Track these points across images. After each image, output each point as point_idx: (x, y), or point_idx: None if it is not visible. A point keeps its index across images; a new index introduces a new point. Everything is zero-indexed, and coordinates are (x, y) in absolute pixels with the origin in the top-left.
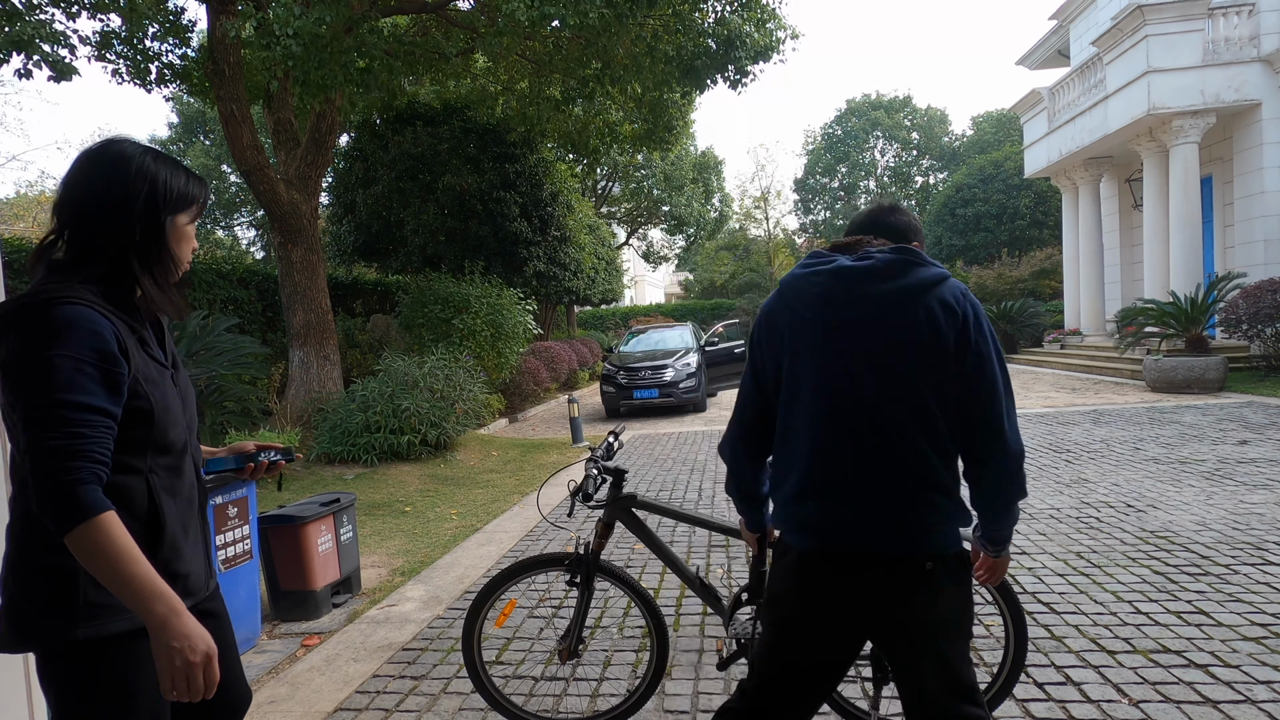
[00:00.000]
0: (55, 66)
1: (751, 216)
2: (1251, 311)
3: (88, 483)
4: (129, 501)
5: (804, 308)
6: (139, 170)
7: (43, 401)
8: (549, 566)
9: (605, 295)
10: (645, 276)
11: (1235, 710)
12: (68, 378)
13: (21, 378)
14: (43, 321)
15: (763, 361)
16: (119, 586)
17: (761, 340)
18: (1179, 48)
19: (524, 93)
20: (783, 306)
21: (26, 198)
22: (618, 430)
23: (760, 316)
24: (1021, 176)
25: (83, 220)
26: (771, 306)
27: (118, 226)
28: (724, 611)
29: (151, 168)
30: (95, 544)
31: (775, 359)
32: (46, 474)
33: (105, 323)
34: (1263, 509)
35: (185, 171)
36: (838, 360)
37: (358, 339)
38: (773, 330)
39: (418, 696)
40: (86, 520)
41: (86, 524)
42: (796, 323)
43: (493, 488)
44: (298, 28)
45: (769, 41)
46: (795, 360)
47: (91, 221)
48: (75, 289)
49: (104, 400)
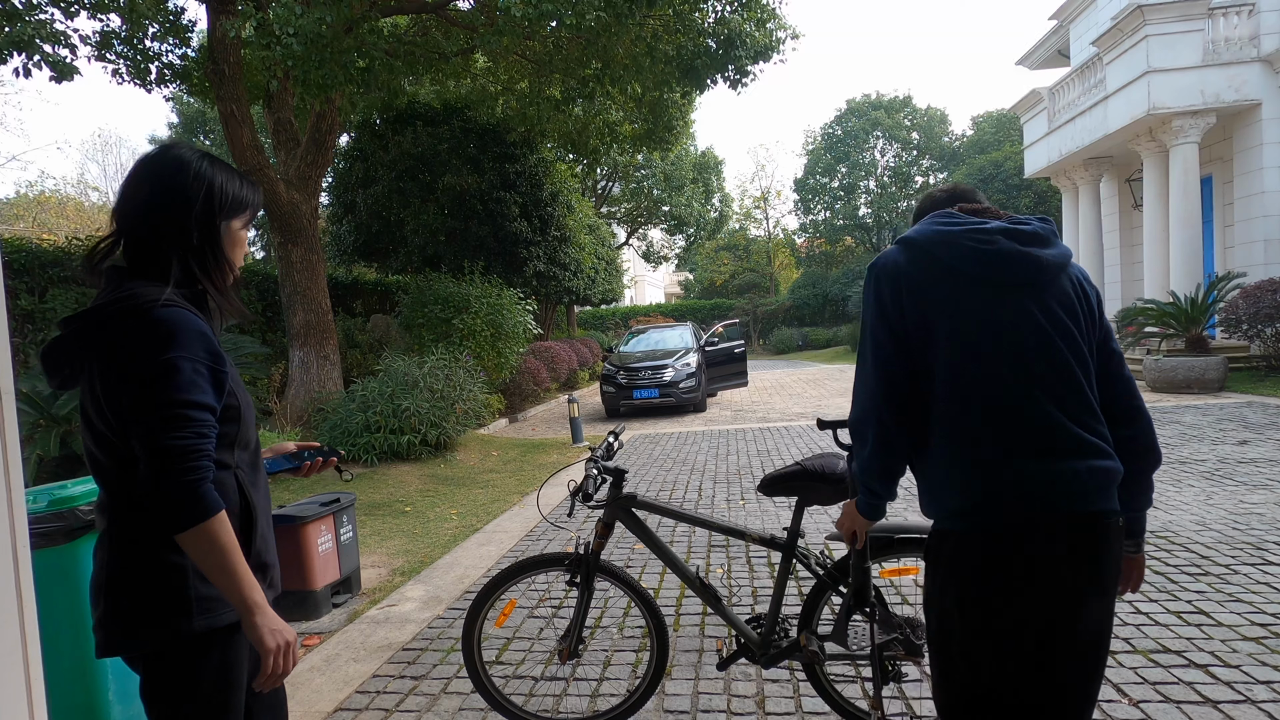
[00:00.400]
0: (55, 66)
1: (751, 216)
2: (1251, 311)
3: (209, 482)
4: (225, 496)
5: (968, 264)
6: (196, 174)
7: (166, 402)
8: (549, 566)
9: (605, 295)
10: (645, 276)
11: (1235, 710)
12: (189, 379)
13: (143, 380)
14: (152, 325)
15: (902, 319)
16: (226, 580)
17: (900, 298)
18: (1179, 48)
19: (524, 93)
20: (932, 262)
21: (26, 198)
22: (618, 430)
23: (889, 271)
24: (1021, 176)
25: (143, 224)
26: (910, 260)
27: (177, 230)
28: (725, 611)
29: (208, 172)
30: (212, 540)
31: (920, 315)
32: (170, 473)
33: (204, 324)
34: (1263, 509)
35: (240, 176)
36: (1020, 318)
37: (358, 339)
38: (916, 286)
39: (418, 696)
40: (209, 518)
41: (208, 522)
42: (958, 279)
43: (493, 488)
44: (298, 27)
45: (769, 41)
46: (957, 318)
47: (152, 226)
48: (162, 293)
49: (214, 399)
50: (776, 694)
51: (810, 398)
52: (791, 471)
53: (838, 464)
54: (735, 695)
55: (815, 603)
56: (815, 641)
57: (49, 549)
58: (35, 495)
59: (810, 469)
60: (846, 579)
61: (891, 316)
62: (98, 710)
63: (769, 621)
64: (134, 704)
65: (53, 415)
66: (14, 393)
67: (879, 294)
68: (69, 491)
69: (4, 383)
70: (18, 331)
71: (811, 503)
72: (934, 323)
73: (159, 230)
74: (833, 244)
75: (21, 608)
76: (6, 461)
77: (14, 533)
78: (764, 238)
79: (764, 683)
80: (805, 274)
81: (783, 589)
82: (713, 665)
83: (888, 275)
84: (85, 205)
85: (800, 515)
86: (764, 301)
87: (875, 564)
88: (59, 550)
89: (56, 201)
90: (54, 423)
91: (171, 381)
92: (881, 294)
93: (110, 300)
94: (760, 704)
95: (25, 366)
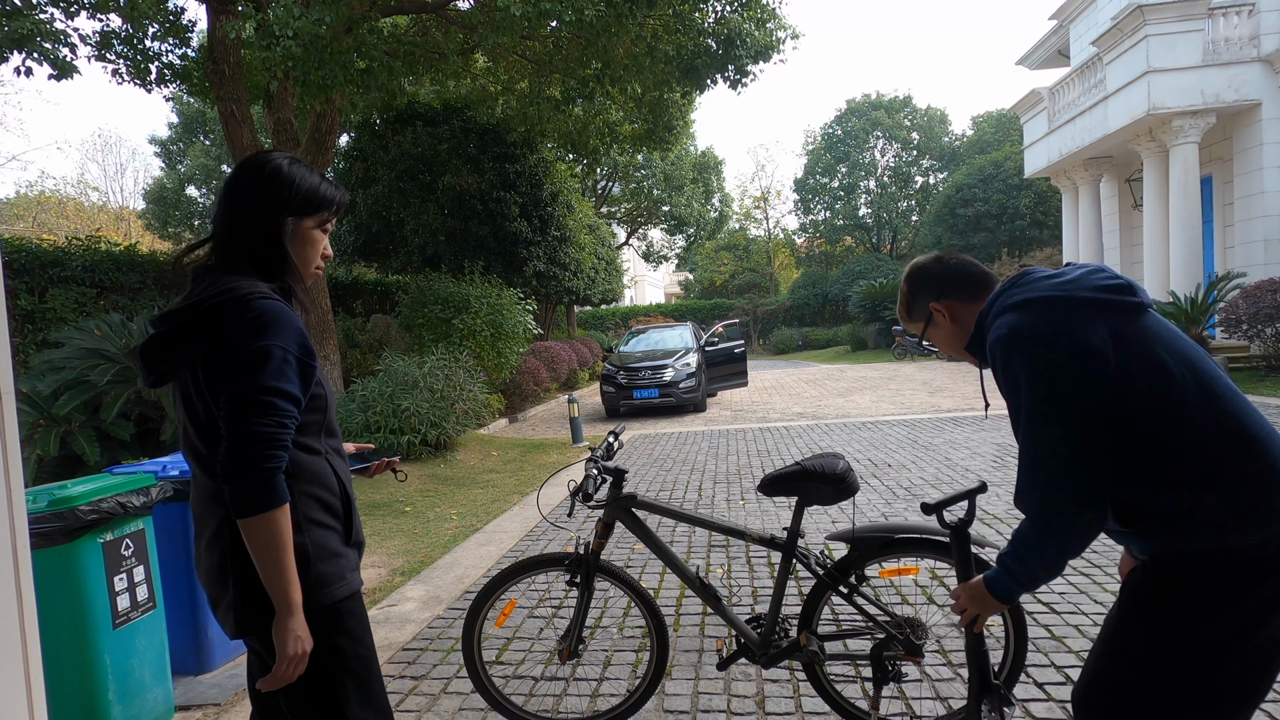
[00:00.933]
0: (56, 64)
1: (751, 216)
2: (1251, 311)
3: (281, 472)
4: (324, 479)
5: (1121, 321)
6: (270, 173)
7: (254, 387)
8: (549, 566)
9: (605, 295)
10: (645, 276)
11: None
12: (278, 366)
13: (234, 365)
14: (250, 314)
15: (1089, 391)
16: (274, 572)
17: (1091, 368)
18: (1179, 48)
19: (524, 93)
20: (1099, 320)
21: (26, 198)
22: (618, 430)
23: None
24: (1021, 176)
25: (224, 222)
26: (1082, 325)
27: (249, 227)
28: (725, 611)
29: (281, 171)
30: (273, 531)
31: (1105, 379)
32: (247, 459)
33: (297, 318)
34: None
35: (320, 178)
36: (1175, 359)
37: (358, 339)
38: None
39: (418, 696)
40: (275, 508)
41: (273, 512)
42: (1123, 333)
43: (493, 488)
44: (298, 28)
45: (769, 41)
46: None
47: (229, 224)
48: (259, 286)
49: (299, 390)
50: (776, 694)
51: (810, 398)
52: (791, 471)
53: (838, 464)
54: (735, 695)
55: (815, 603)
56: (815, 641)
57: (49, 549)
58: (35, 495)
59: (810, 469)
60: (846, 579)
61: (1082, 394)
62: (98, 710)
63: (769, 621)
64: (134, 704)
65: (53, 415)
66: (14, 393)
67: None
68: (69, 491)
69: (4, 383)
70: (18, 331)
71: (811, 503)
72: (1113, 382)
73: (237, 228)
74: (833, 244)
75: (21, 608)
76: (6, 461)
77: (14, 533)
78: (764, 238)
79: (764, 683)
80: (805, 274)
81: (783, 589)
82: (713, 665)
83: (1074, 344)
84: (85, 205)
85: (800, 515)
86: (764, 301)
87: (875, 564)
88: (59, 550)
89: (56, 201)
90: (54, 423)
91: (262, 368)
92: (1077, 369)
93: (210, 294)
94: (760, 704)
95: (25, 366)
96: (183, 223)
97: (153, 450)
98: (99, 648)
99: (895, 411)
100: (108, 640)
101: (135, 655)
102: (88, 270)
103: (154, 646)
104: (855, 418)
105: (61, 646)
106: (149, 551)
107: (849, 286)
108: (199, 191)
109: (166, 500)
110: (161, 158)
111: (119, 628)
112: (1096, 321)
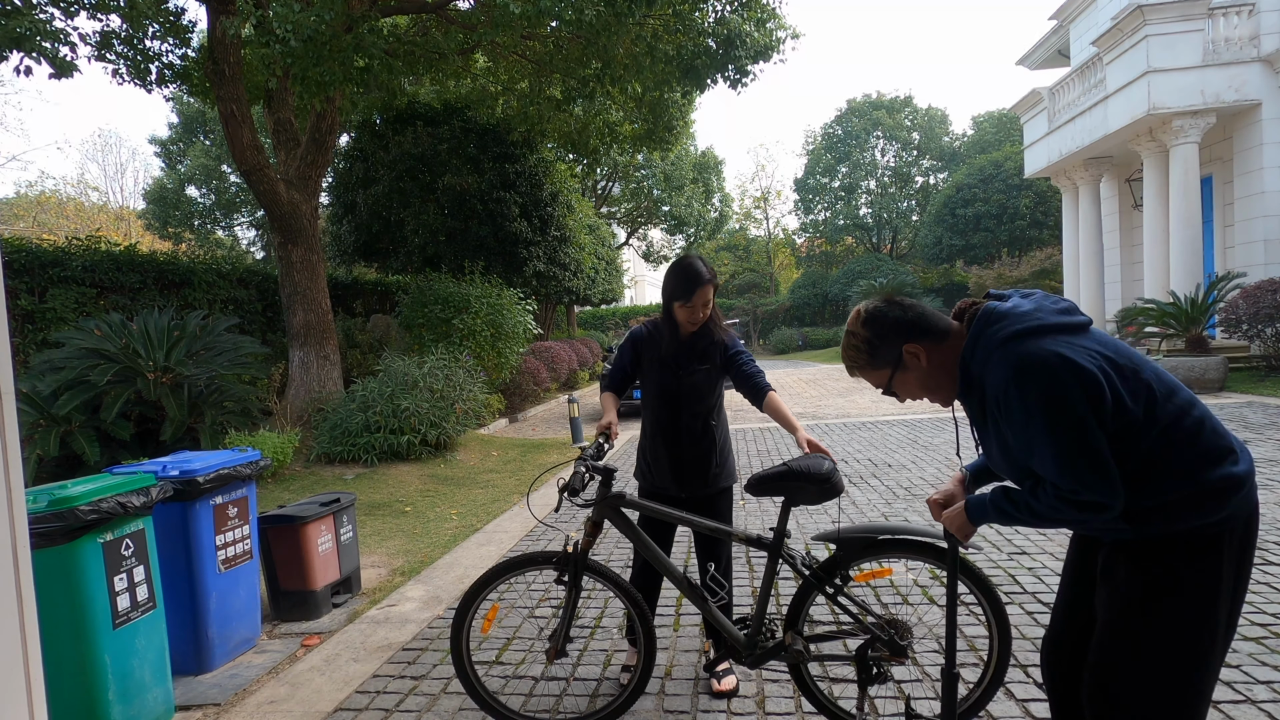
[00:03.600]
0: (55, 64)
1: (751, 216)
2: (1251, 311)
3: None
4: None
5: (1081, 338)
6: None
7: None
8: (538, 564)
9: (605, 295)
10: (645, 276)
11: (1235, 710)
12: None
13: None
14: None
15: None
16: None
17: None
18: (1179, 48)
19: (524, 93)
20: (1099, 348)
21: (26, 198)
22: (608, 431)
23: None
24: (1021, 176)
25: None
26: (1093, 360)
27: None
28: (711, 611)
29: (666, 276)
30: None
31: (1116, 396)
32: None
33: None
34: (1263, 509)
35: (674, 276)
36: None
37: (358, 339)
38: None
39: (418, 696)
40: None
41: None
42: (1116, 352)
43: (493, 488)
44: (296, 23)
45: (769, 41)
46: (1137, 377)
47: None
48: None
49: None
50: (776, 694)
51: (810, 397)
52: (779, 472)
53: (824, 464)
54: (735, 695)
55: (801, 603)
56: (800, 641)
57: (49, 549)
58: (35, 495)
59: (797, 469)
60: (832, 579)
61: (1099, 415)
62: (98, 710)
63: (755, 621)
64: (134, 704)
65: (53, 415)
66: (14, 393)
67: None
68: (69, 491)
69: (4, 383)
70: (18, 331)
71: (798, 502)
72: (1122, 394)
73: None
74: (833, 244)
75: (21, 608)
76: (6, 461)
77: (14, 533)
78: (764, 238)
79: (764, 683)
80: (805, 274)
81: (769, 589)
82: None
83: (1098, 373)
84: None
85: (787, 515)
86: (764, 301)
87: (855, 567)
88: (59, 550)
89: (56, 201)
90: (54, 423)
91: None
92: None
93: None
94: (760, 704)
95: (25, 366)
96: (183, 223)
97: (153, 450)
98: (99, 648)
99: (895, 411)
100: (108, 640)
101: (135, 655)
102: (88, 270)
103: (154, 646)
104: (855, 418)
105: (61, 646)
106: (149, 551)
107: (849, 286)
108: (199, 191)
109: (166, 500)
110: (161, 158)
111: (119, 628)
112: (1076, 342)
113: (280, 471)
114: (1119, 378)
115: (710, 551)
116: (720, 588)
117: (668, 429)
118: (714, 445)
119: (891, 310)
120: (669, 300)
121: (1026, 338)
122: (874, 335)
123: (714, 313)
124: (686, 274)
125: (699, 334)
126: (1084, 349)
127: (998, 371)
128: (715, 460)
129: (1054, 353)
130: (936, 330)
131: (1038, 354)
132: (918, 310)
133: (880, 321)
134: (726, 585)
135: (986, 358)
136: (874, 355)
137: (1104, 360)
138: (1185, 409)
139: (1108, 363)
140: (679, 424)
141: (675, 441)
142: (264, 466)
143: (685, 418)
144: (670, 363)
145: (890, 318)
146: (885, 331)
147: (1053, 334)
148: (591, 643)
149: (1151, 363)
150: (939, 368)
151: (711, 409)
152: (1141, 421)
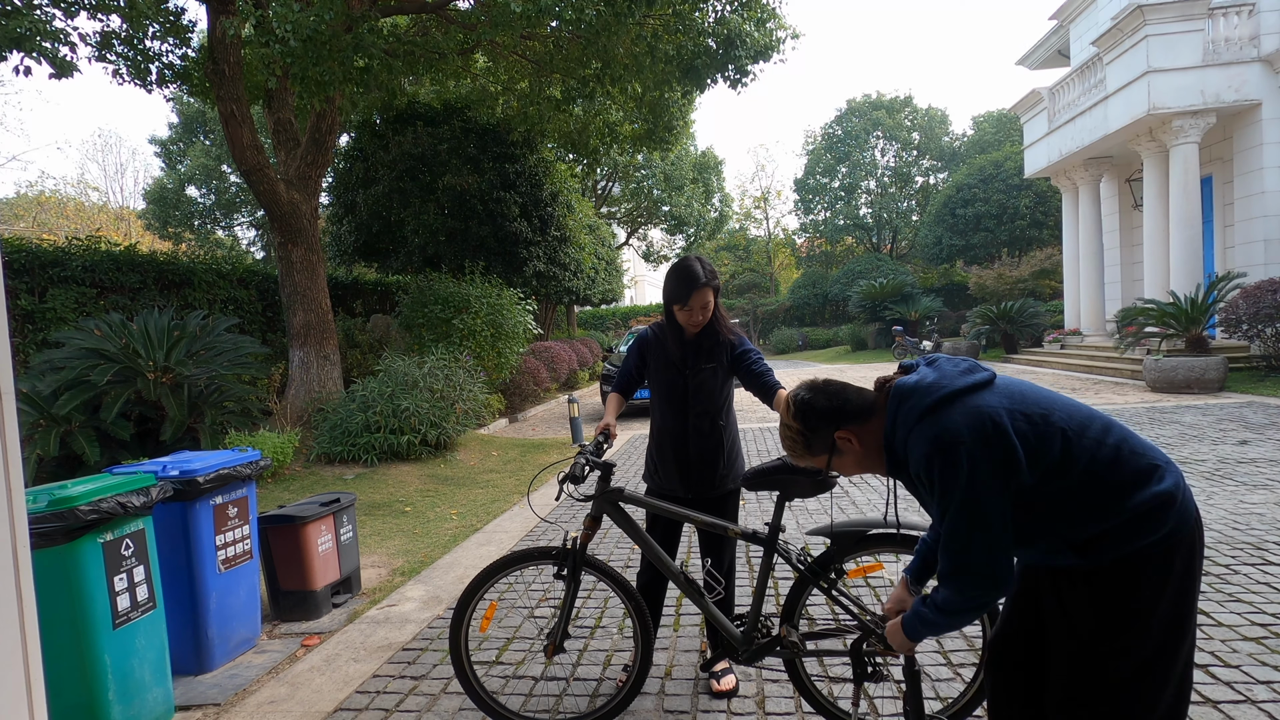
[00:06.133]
0: (55, 64)
1: (751, 216)
2: (1251, 311)
3: None
4: None
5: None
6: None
7: None
8: (537, 559)
9: (605, 295)
10: (645, 276)
11: (1235, 710)
12: None
13: None
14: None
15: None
16: None
17: (1013, 455)
18: (1179, 48)
19: (524, 93)
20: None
21: (26, 198)
22: (608, 431)
23: (1003, 433)
24: (1021, 176)
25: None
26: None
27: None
28: (708, 607)
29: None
30: None
31: (1030, 448)
32: None
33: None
34: (1263, 509)
35: (672, 280)
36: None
37: (358, 339)
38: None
39: (418, 696)
40: None
41: None
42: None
43: (493, 488)
44: (296, 22)
45: (769, 41)
46: (1048, 422)
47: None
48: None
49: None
50: (776, 694)
51: None
52: (774, 466)
53: None
54: (735, 695)
55: (797, 597)
56: (795, 635)
57: (49, 549)
58: (35, 495)
59: (790, 463)
60: (827, 574)
61: (1008, 477)
62: (98, 710)
63: (750, 617)
64: (134, 704)
65: (53, 415)
66: (14, 393)
67: (1002, 458)
68: (69, 491)
69: (4, 383)
70: (18, 331)
71: (793, 496)
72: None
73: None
74: (833, 244)
75: (21, 608)
76: (6, 461)
77: (14, 533)
78: (764, 238)
79: (763, 683)
80: (805, 274)
81: (764, 584)
82: None
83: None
84: (85, 205)
85: (782, 510)
86: (764, 301)
87: (850, 561)
88: (59, 550)
89: (56, 201)
90: (54, 423)
91: None
92: (1006, 457)
93: None
94: (760, 704)
95: (25, 366)
96: (183, 223)
97: (153, 450)
98: (99, 648)
99: None
100: (108, 640)
101: (135, 655)
102: (88, 270)
103: (154, 646)
104: None
105: (61, 646)
106: (149, 551)
107: (849, 286)
108: (199, 191)
109: (166, 500)
110: (161, 158)
111: (119, 628)
112: (985, 402)
113: (280, 471)
114: (1029, 427)
115: (714, 551)
116: (717, 583)
117: (675, 429)
118: (721, 446)
119: (817, 400)
120: (668, 303)
121: (939, 409)
122: (805, 427)
123: (718, 312)
124: (683, 277)
125: (705, 334)
126: (993, 409)
127: (917, 449)
128: (723, 461)
129: (965, 424)
130: (860, 412)
131: (950, 427)
132: (842, 396)
133: (809, 413)
134: (723, 580)
135: (906, 435)
136: (809, 444)
137: (1014, 414)
138: (1100, 440)
139: (1019, 416)
140: (686, 424)
141: (682, 442)
142: (264, 466)
143: (692, 418)
144: (677, 363)
145: (818, 408)
146: (815, 423)
147: (961, 398)
148: (591, 643)
149: (1060, 400)
150: (872, 448)
151: (719, 409)
152: (1059, 463)
